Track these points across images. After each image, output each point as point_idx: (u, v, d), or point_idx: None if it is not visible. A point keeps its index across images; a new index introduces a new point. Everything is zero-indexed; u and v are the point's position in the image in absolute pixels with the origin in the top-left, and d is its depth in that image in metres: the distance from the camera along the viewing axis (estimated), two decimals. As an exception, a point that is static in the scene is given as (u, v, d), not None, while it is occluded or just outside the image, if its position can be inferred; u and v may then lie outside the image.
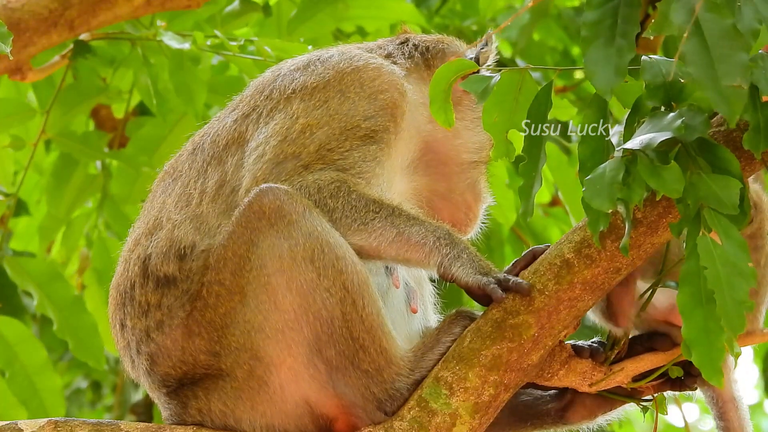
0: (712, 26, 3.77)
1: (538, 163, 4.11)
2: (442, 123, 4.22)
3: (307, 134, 4.52)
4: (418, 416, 4.29)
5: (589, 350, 4.40)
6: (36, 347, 6.90)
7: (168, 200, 4.57)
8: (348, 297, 4.28)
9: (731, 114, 3.74)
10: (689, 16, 3.77)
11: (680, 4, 3.80)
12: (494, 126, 4.20)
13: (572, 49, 8.53)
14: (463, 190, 4.84)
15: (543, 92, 4.13)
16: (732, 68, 3.74)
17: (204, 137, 4.69)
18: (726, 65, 3.74)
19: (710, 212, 3.83)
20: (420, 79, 4.80)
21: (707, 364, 3.83)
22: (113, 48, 7.33)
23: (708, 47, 3.75)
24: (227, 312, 4.34)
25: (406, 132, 4.66)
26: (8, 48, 4.53)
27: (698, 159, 3.88)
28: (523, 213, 4.11)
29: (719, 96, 3.73)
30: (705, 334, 3.82)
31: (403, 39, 4.92)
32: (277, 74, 4.71)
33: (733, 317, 3.78)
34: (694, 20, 3.77)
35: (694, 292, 3.82)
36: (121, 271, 4.57)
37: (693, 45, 3.77)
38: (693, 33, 3.77)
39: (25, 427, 4.39)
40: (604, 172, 3.86)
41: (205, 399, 4.40)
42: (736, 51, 3.75)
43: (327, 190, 4.40)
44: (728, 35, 3.76)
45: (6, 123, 7.22)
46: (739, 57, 3.75)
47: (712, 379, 3.83)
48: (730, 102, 3.74)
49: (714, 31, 3.76)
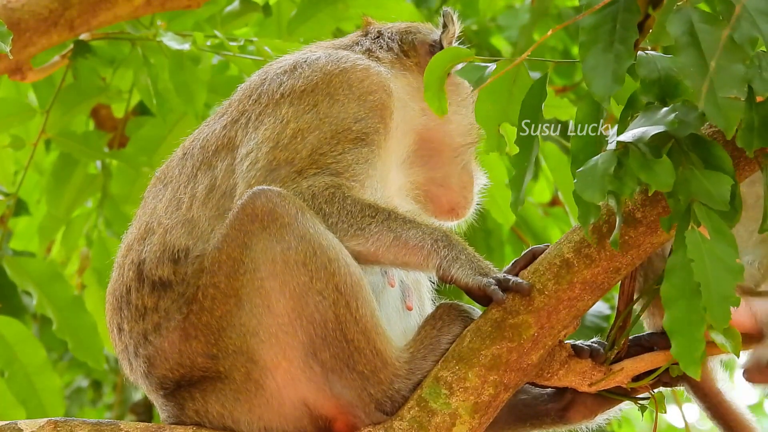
0: (708, 38, 3.76)
1: (530, 155, 4.10)
2: (436, 111, 4.20)
3: (298, 139, 4.51)
4: (417, 416, 4.29)
5: (588, 350, 4.40)
6: (35, 347, 6.91)
7: (159, 206, 4.57)
8: (341, 299, 4.28)
9: (727, 126, 3.73)
10: (686, 28, 3.77)
11: (677, 16, 3.79)
12: (487, 118, 4.19)
13: (572, 49, 8.53)
14: (459, 174, 4.85)
15: (537, 84, 4.13)
16: (729, 80, 3.74)
17: (194, 142, 4.69)
18: (723, 77, 3.74)
19: (700, 207, 3.83)
20: (404, 70, 4.80)
21: (686, 355, 3.82)
22: (113, 48, 7.33)
23: (705, 59, 3.75)
24: (223, 315, 4.33)
25: (397, 130, 4.66)
26: (8, 48, 4.53)
27: (691, 155, 3.88)
28: (513, 203, 4.11)
29: (716, 108, 3.73)
30: (686, 325, 3.82)
31: (375, 32, 4.91)
32: (263, 78, 4.70)
33: (717, 311, 3.78)
34: (690, 31, 3.77)
35: (678, 284, 3.82)
36: (116, 277, 4.57)
37: (689, 56, 3.76)
38: (689, 44, 3.77)
39: (24, 427, 4.39)
40: (596, 164, 3.86)
41: (202, 401, 4.39)
42: (733, 63, 3.74)
43: (322, 196, 4.39)
44: (725, 47, 3.75)
45: (6, 123, 7.22)
46: (735, 69, 3.74)
47: (689, 370, 3.82)
48: (726, 114, 3.73)
49: (711, 43, 3.76)
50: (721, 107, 3.73)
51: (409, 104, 4.72)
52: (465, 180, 4.86)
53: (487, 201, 5.01)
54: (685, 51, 3.76)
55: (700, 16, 3.79)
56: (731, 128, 3.73)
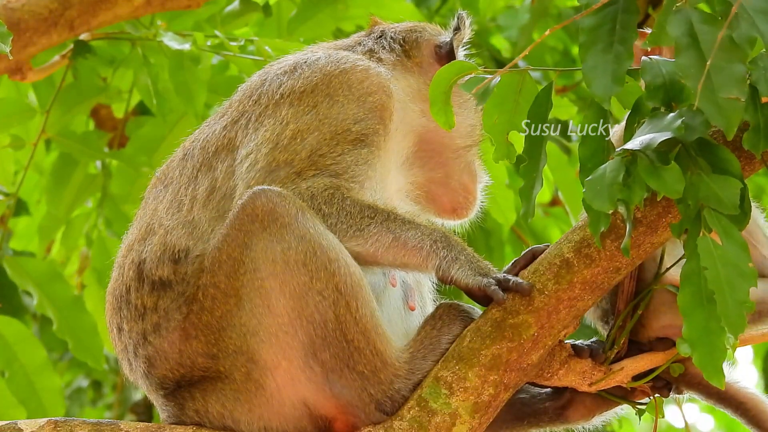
0: (708, 38, 3.76)
1: (538, 164, 4.11)
2: (443, 125, 4.21)
3: (298, 140, 4.50)
4: (417, 416, 4.29)
5: (588, 350, 4.40)
6: (36, 347, 6.91)
7: (159, 207, 4.57)
8: (341, 299, 4.28)
9: (728, 126, 3.73)
10: (686, 29, 3.77)
11: (677, 17, 3.79)
12: (495, 127, 4.20)
13: (572, 48, 8.53)
14: (460, 174, 4.84)
15: (543, 93, 4.13)
16: (728, 80, 3.74)
17: (194, 143, 4.69)
18: (722, 77, 3.74)
19: (710, 212, 3.82)
20: (405, 71, 4.80)
21: (708, 365, 3.83)
22: (113, 48, 7.33)
23: (704, 59, 3.75)
24: (223, 315, 4.33)
25: (398, 131, 4.66)
26: (8, 48, 4.53)
27: (698, 159, 3.87)
28: (524, 214, 4.11)
29: (716, 108, 3.73)
30: (706, 334, 3.82)
31: (378, 32, 4.91)
32: (264, 78, 4.70)
33: (733, 318, 3.78)
34: (690, 32, 3.77)
35: (694, 293, 3.82)
36: (116, 277, 4.57)
37: (689, 57, 3.76)
38: (689, 45, 3.76)
39: (24, 427, 4.39)
40: (605, 173, 3.86)
41: (202, 401, 4.39)
42: (733, 63, 3.74)
43: (321, 197, 4.39)
44: (724, 47, 3.75)
45: (6, 123, 7.22)
46: (735, 69, 3.74)
47: (713, 379, 3.83)
48: (727, 114, 3.73)
49: (710, 44, 3.76)
50: (721, 107, 3.73)
51: (409, 105, 4.72)
52: (467, 180, 4.86)
53: (487, 201, 5.00)
54: (685, 52, 3.76)
55: (700, 17, 3.79)
56: (732, 128, 3.73)
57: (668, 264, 4.36)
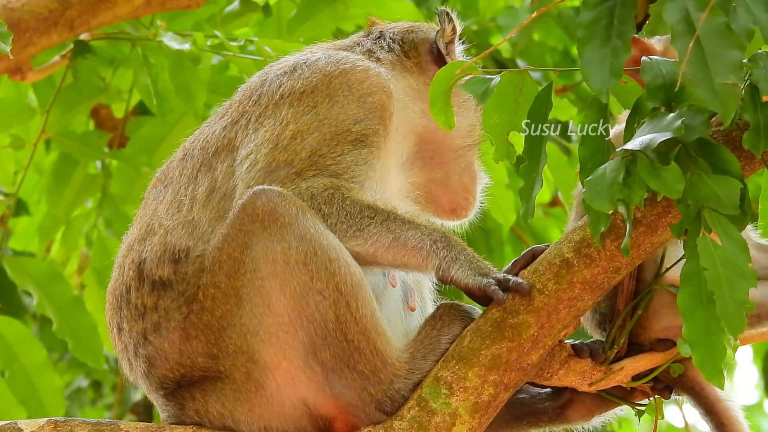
0: (705, 25, 3.76)
1: (538, 165, 4.11)
2: (443, 125, 4.22)
3: (298, 140, 4.51)
4: (417, 416, 4.29)
5: (588, 350, 4.40)
6: (36, 347, 6.91)
7: (159, 207, 4.57)
8: (341, 299, 4.28)
9: (725, 112, 3.73)
10: (682, 16, 3.77)
11: (673, 5, 3.79)
12: (495, 128, 4.20)
13: (572, 48, 8.53)
14: (460, 175, 4.85)
15: (543, 93, 4.13)
16: (725, 66, 3.73)
17: (194, 143, 4.69)
18: (719, 63, 3.74)
19: (710, 212, 3.82)
20: (404, 71, 4.80)
21: (708, 365, 3.83)
22: (113, 48, 7.33)
23: (701, 46, 3.75)
24: (224, 314, 4.34)
25: (397, 132, 4.66)
26: (8, 48, 4.53)
27: (698, 159, 3.87)
28: (524, 214, 4.11)
29: (713, 94, 3.73)
30: (706, 334, 3.82)
31: (377, 33, 4.91)
32: (264, 79, 4.70)
33: (733, 318, 3.78)
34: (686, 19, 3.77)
35: (694, 293, 3.82)
36: (116, 277, 4.57)
37: (685, 44, 3.76)
38: (685, 32, 3.76)
39: (24, 426, 4.39)
40: (605, 173, 3.86)
41: (202, 400, 4.40)
42: (729, 49, 3.74)
43: (321, 197, 4.39)
44: (721, 34, 3.75)
45: (6, 123, 7.23)
46: (732, 55, 3.74)
47: (713, 380, 3.83)
48: (723, 100, 3.73)
49: (707, 30, 3.76)
50: (718, 93, 3.73)
51: (409, 105, 4.72)
52: (467, 181, 4.86)
53: (487, 201, 5.00)
54: (680, 39, 3.76)
55: (696, 4, 3.79)
56: (729, 114, 3.73)
57: (668, 264, 4.36)
